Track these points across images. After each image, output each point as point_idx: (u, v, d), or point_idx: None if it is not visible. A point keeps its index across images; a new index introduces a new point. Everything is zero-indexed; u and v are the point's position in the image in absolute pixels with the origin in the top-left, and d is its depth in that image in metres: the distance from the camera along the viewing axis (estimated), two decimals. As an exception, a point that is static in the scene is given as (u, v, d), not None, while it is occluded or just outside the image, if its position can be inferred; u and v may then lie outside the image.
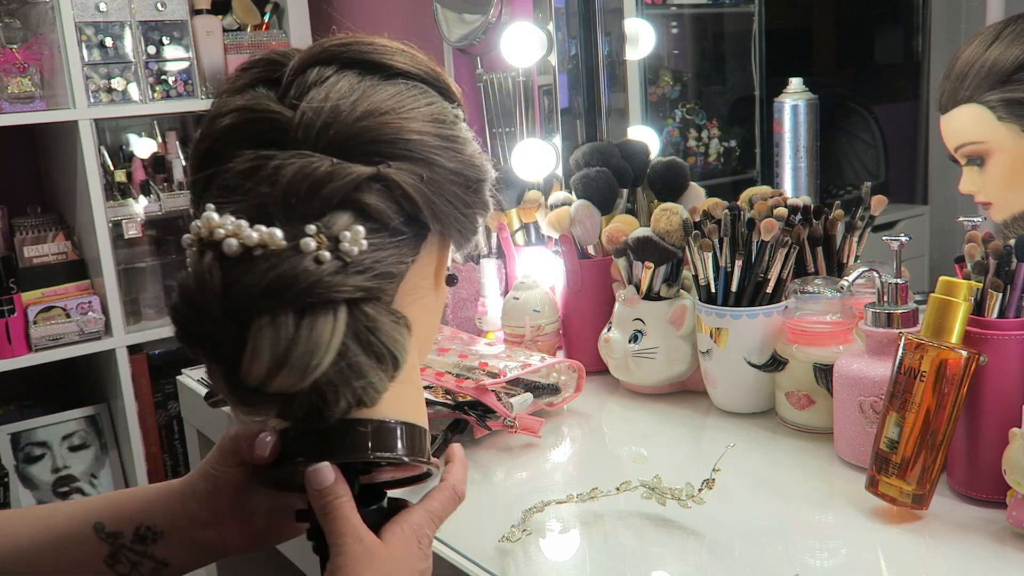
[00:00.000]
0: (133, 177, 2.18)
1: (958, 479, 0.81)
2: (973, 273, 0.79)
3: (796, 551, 0.76)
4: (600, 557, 0.78)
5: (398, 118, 0.58)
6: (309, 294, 0.52)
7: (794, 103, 1.33)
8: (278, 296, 0.52)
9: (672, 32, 1.69)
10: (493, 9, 1.63)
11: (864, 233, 1.09)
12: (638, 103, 1.56)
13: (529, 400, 1.03)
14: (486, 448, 1.02)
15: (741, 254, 1.00)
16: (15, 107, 1.95)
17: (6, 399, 2.24)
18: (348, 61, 0.59)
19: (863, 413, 0.86)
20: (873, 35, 1.52)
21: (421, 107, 0.60)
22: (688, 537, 0.79)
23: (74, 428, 2.23)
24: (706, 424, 1.06)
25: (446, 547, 0.80)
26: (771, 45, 1.55)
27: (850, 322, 0.96)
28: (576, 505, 0.84)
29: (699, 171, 1.67)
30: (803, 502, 0.84)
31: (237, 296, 0.52)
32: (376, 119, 0.57)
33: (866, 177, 1.52)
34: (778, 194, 1.10)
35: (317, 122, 0.56)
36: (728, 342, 1.02)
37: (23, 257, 2.06)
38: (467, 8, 1.69)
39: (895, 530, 0.77)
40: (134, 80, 2.08)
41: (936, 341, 0.76)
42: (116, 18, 2.04)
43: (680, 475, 0.83)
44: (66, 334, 2.04)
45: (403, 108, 0.58)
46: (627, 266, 1.13)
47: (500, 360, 1.07)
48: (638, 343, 1.10)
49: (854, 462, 0.88)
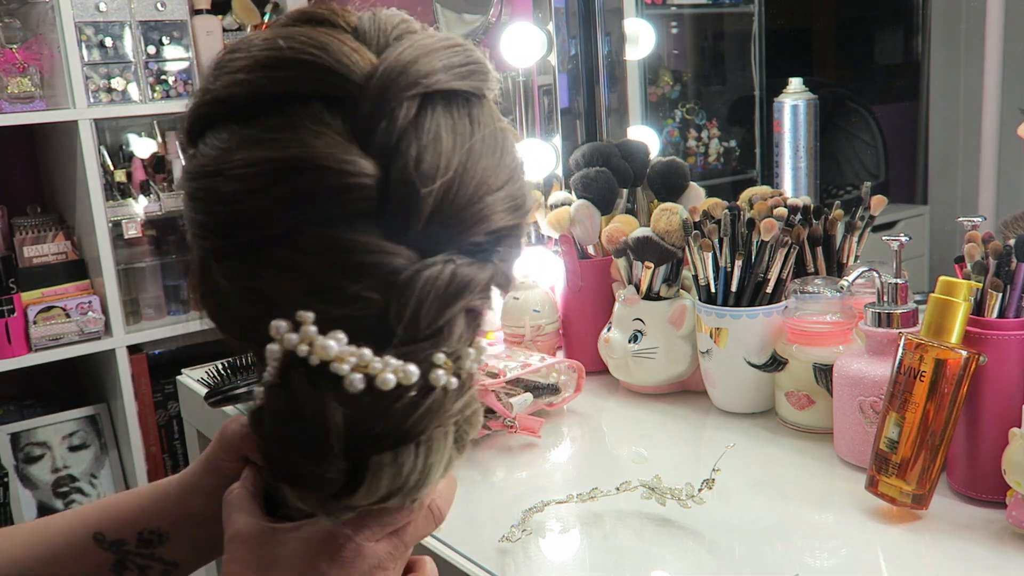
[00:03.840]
0: (133, 177, 2.18)
1: (958, 479, 0.81)
2: (973, 273, 0.79)
3: (796, 551, 0.76)
4: (600, 557, 0.78)
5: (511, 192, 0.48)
6: (439, 425, 0.46)
7: (794, 103, 1.33)
8: (407, 434, 0.45)
9: (672, 32, 1.69)
10: (493, 9, 1.63)
11: (864, 233, 1.09)
12: (638, 103, 1.56)
13: (529, 400, 1.03)
14: (486, 448, 1.02)
15: (741, 254, 1.00)
16: (15, 107, 1.95)
17: (6, 399, 2.24)
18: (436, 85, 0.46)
19: (863, 413, 0.86)
20: (873, 35, 1.52)
21: (514, 154, 0.49)
22: (688, 537, 0.79)
23: (74, 428, 2.23)
24: (706, 424, 1.06)
25: (446, 547, 0.80)
26: (771, 45, 1.55)
27: (850, 322, 0.96)
28: (576, 505, 0.84)
29: (699, 171, 1.67)
30: (803, 502, 0.84)
31: (361, 437, 0.44)
32: (490, 197, 0.46)
33: (866, 177, 1.52)
34: (778, 194, 1.10)
35: (428, 204, 0.44)
36: (728, 342, 1.02)
37: (23, 257, 2.06)
38: (467, 8, 1.69)
39: (895, 530, 0.77)
40: (134, 80, 2.08)
41: (936, 341, 0.76)
42: (116, 18, 2.05)
43: (680, 475, 0.83)
44: (66, 334, 2.04)
45: (510, 169, 0.48)
46: (627, 266, 1.13)
47: (500, 360, 1.07)
48: (638, 343, 1.10)
49: (854, 462, 0.88)
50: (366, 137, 0.44)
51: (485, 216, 0.46)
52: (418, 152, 0.44)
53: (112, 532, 0.62)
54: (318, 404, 0.43)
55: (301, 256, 0.44)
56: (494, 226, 0.46)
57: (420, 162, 0.44)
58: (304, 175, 0.43)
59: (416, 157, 0.44)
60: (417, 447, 0.45)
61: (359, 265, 0.43)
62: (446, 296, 0.44)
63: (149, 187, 2.17)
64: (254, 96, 0.45)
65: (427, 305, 0.44)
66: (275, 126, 0.44)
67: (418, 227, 0.44)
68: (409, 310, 0.43)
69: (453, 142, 0.45)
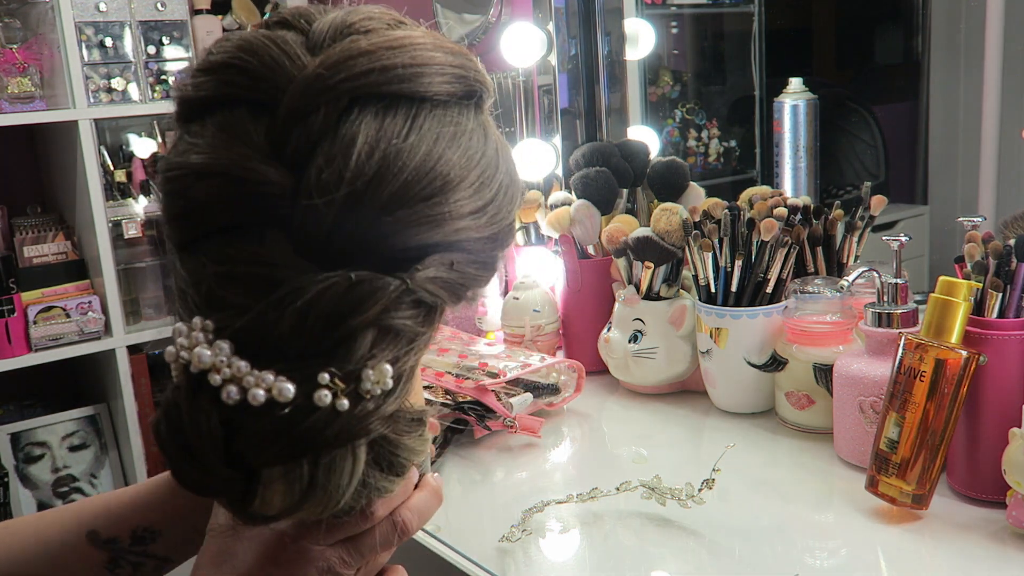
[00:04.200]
0: (133, 177, 2.18)
1: (958, 479, 0.81)
2: (973, 273, 0.79)
3: (796, 551, 0.76)
4: (600, 557, 0.78)
5: (437, 203, 0.44)
6: (325, 445, 0.43)
7: (794, 103, 1.33)
8: (289, 451, 0.43)
9: (672, 32, 1.69)
10: (493, 9, 1.63)
11: (864, 233, 1.09)
12: (638, 103, 1.56)
13: (529, 400, 1.03)
14: (486, 448, 1.02)
15: (741, 254, 1.00)
16: (15, 107, 1.95)
17: (6, 399, 2.24)
18: (366, 88, 0.43)
19: (863, 413, 0.86)
20: (873, 35, 1.52)
21: (462, 165, 0.45)
22: (688, 537, 0.79)
23: (74, 428, 2.23)
24: (706, 424, 1.06)
25: (446, 547, 0.80)
26: (771, 45, 1.55)
27: (850, 322, 0.96)
28: (576, 505, 0.84)
29: (699, 171, 1.67)
30: (803, 502, 0.84)
31: (241, 449, 0.42)
32: (410, 209, 0.43)
33: (866, 177, 1.52)
34: (778, 194, 1.10)
35: (328, 217, 0.42)
36: (728, 342, 1.02)
37: (23, 257, 2.06)
38: (467, 8, 1.69)
39: (895, 530, 0.77)
40: (134, 80, 2.08)
41: (936, 341, 0.76)
42: (116, 18, 2.04)
43: (680, 475, 0.83)
44: (66, 334, 2.04)
45: (444, 178, 0.44)
46: (627, 266, 1.13)
47: (500, 360, 1.07)
48: (638, 343, 1.10)
49: (854, 462, 0.88)
50: (281, 144, 0.42)
51: (403, 227, 0.43)
52: (327, 159, 0.42)
53: (105, 530, 0.63)
54: (196, 412, 0.42)
55: (206, 262, 0.43)
56: (417, 239, 0.43)
57: (324, 170, 0.42)
58: (210, 182, 0.43)
59: (323, 165, 0.42)
60: (313, 465, 0.43)
61: (250, 276, 0.43)
62: (336, 313, 0.42)
63: (149, 187, 2.17)
64: (188, 100, 0.46)
65: (311, 321, 0.42)
66: (197, 131, 0.45)
67: (321, 238, 0.42)
68: (290, 325, 0.42)
69: (373, 149, 0.42)
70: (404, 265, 0.44)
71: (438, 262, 0.45)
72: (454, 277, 0.46)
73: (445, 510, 0.87)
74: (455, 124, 0.46)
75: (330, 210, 0.42)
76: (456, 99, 0.47)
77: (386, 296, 0.43)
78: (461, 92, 0.47)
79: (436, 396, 1.03)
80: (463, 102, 0.48)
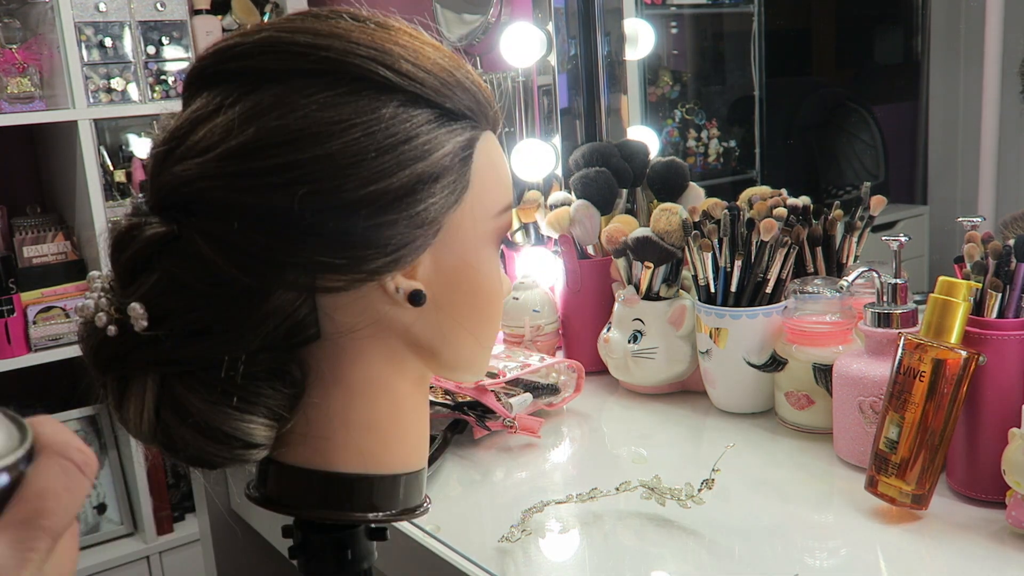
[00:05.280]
0: (133, 177, 2.18)
1: (957, 479, 0.81)
2: (972, 273, 0.79)
3: (796, 551, 0.76)
4: (600, 557, 0.78)
5: (217, 154, 0.49)
6: (98, 365, 0.52)
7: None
8: (92, 365, 0.53)
9: (672, 32, 1.69)
10: (493, 9, 1.63)
11: (864, 233, 1.09)
12: (638, 103, 1.56)
13: (529, 400, 1.03)
14: (486, 448, 1.02)
15: (741, 254, 1.00)
16: (15, 107, 1.95)
17: (6, 399, 2.24)
18: (205, 69, 0.53)
19: (863, 413, 0.86)
20: (873, 35, 1.52)
21: (258, 134, 0.49)
22: (688, 537, 0.79)
23: (74, 428, 2.22)
24: (706, 424, 1.06)
25: (446, 547, 0.80)
26: (771, 45, 1.55)
27: (850, 322, 0.96)
28: (576, 505, 0.84)
29: (698, 171, 1.67)
30: (803, 502, 0.84)
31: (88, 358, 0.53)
32: (193, 161, 0.49)
33: (866, 177, 1.52)
34: (778, 194, 1.10)
35: (148, 166, 0.53)
36: (728, 342, 1.02)
37: (22, 257, 2.06)
38: (467, 8, 1.69)
39: (895, 530, 0.77)
40: (134, 80, 2.08)
41: (935, 341, 0.76)
42: (116, 18, 2.04)
43: (680, 475, 0.83)
44: (66, 334, 2.04)
45: (240, 142, 0.48)
46: (627, 266, 1.13)
47: (499, 360, 1.07)
48: (638, 343, 1.10)
49: (854, 462, 0.88)
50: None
51: (178, 178, 0.49)
52: (164, 124, 0.52)
53: None
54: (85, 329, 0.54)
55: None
56: (187, 189, 0.49)
57: (159, 132, 0.52)
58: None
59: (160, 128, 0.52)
60: (119, 384, 0.53)
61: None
62: (113, 247, 0.52)
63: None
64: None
65: (110, 253, 0.52)
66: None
67: (146, 186, 0.52)
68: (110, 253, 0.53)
69: (189, 116, 0.51)
70: (174, 211, 0.51)
71: (221, 220, 0.49)
72: (236, 239, 0.49)
73: (445, 510, 0.87)
74: (286, 102, 0.50)
75: (149, 163, 0.52)
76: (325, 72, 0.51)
77: (156, 236, 0.50)
78: (294, 66, 0.51)
79: (436, 396, 1.03)
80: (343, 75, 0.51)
